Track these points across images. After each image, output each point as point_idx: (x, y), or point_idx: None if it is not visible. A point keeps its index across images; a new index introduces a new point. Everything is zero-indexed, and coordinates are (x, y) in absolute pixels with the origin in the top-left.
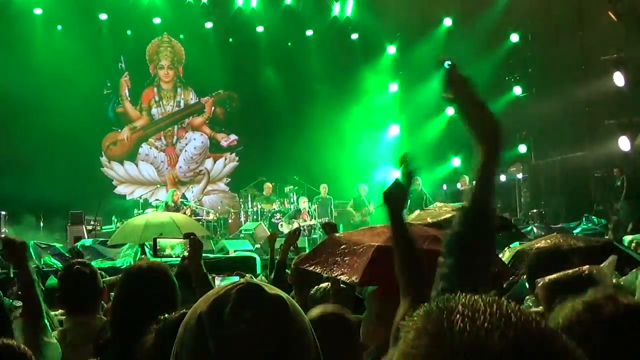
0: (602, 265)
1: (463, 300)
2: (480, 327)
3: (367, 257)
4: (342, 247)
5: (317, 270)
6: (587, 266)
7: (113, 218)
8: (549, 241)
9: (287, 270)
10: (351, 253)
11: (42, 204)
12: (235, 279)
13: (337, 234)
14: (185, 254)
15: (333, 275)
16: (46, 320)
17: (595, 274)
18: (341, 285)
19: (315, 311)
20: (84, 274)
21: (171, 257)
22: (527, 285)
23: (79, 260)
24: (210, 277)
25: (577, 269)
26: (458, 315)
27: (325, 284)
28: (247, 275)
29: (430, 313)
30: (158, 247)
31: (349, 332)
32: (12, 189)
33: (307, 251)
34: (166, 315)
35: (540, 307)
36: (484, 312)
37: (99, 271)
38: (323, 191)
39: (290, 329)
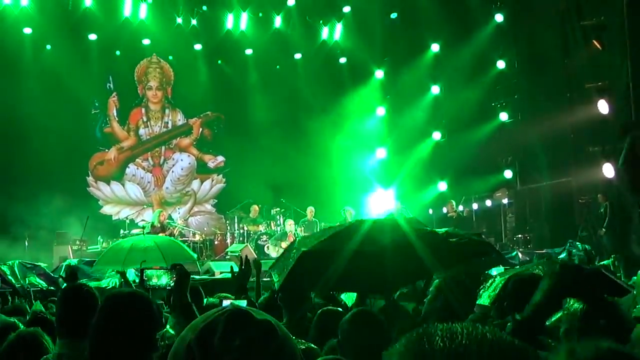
0: None
1: (441, 326)
2: (459, 344)
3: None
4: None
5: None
6: None
7: (99, 238)
8: (540, 267)
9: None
10: None
11: (28, 223)
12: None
13: (304, 250)
14: (172, 283)
15: None
16: None
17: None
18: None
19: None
20: (87, 297)
21: (156, 287)
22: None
23: (80, 282)
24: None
25: None
26: (437, 337)
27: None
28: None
29: (411, 338)
30: (145, 277)
31: (381, 330)
32: None
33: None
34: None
35: None
36: (461, 333)
37: None
38: (309, 214)
39: (280, 354)
